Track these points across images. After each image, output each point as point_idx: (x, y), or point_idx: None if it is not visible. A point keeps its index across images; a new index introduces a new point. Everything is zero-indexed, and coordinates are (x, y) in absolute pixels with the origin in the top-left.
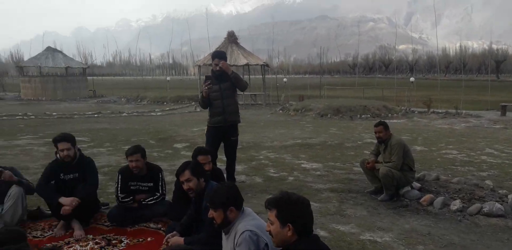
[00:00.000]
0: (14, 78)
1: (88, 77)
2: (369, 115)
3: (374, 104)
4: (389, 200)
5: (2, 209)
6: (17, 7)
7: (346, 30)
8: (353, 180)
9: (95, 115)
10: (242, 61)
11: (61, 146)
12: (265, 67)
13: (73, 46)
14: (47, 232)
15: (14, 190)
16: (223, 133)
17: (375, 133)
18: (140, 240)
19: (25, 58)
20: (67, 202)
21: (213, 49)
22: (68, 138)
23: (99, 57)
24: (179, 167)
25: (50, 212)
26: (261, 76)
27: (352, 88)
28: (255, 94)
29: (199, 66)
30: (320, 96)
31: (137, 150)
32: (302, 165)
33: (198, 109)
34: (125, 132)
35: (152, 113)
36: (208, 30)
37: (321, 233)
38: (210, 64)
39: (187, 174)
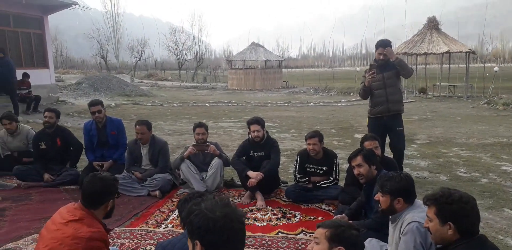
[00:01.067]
0: (224, 71)
1: (283, 69)
2: None
3: None
4: None
5: (206, 176)
6: (230, 7)
7: None
8: None
9: (285, 104)
10: (442, 48)
11: (253, 127)
12: (470, 55)
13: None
14: (236, 199)
15: (216, 161)
16: (386, 123)
17: None
18: (312, 217)
19: (234, 53)
20: (253, 175)
21: (409, 36)
22: (259, 121)
23: (295, 50)
24: (352, 152)
25: (240, 183)
26: (464, 65)
27: None
28: (454, 86)
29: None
30: None
31: (316, 134)
32: (502, 167)
33: (406, 100)
34: (309, 120)
35: (337, 104)
36: (407, 17)
37: (511, 242)
38: (404, 53)
39: (359, 159)
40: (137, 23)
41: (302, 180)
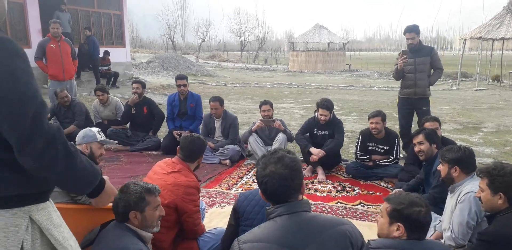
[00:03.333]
0: (285, 53)
1: (347, 52)
2: None
3: None
4: None
5: (271, 149)
6: None
7: None
8: None
9: (347, 88)
10: None
11: (322, 112)
12: None
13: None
14: None
15: (280, 136)
16: (413, 103)
17: None
18: (370, 192)
19: (296, 35)
20: (315, 152)
21: (486, 20)
22: (328, 107)
23: (359, 32)
24: (414, 131)
25: (302, 158)
26: None
27: None
28: None
29: (465, 40)
30: None
31: (379, 114)
32: None
33: (454, 88)
34: (372, 104)
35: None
36: None
37: None
38: (479, 38)
39: (420, 137)
40: (203, 4)
41: (363, 157)
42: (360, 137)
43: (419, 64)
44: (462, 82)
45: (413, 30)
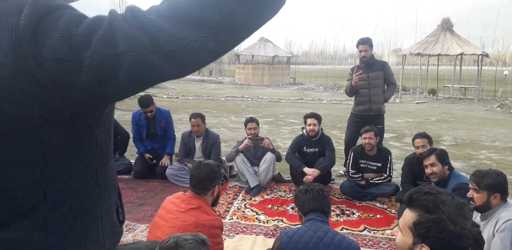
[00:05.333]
0: (230, 65)
1: (291, 66)
2: None
3: None
4: None
5: (258, 170)
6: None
7: None
8: None
9: (299, 101)
10: (456, 50)
11: (310, 121)
12: (482, 58)
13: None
14: (288, 194)
15: (269, 155)
16: (367, 121)
17: None
18: (370, 215)
19: (241, 48)
20: (310, 172)
21: (421, 37)
22: (316, 116)
23: (295, 46)
24: (425, 151)
25: (288, 178)
26: (476, 67)
27: None
28: (465, 88)
29: (404, 55)
30: None
31: (372, 129)
32: None
33: (397, 101)
34: (328, 117)
35: (350, 102)
36: (418, 15)
37: None
38: (418, 54)
39: (432, 159)
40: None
41: (356, 176)
42: (352, 154)
43: (372, 80)
44: (402, 95)
45: (366, 42)
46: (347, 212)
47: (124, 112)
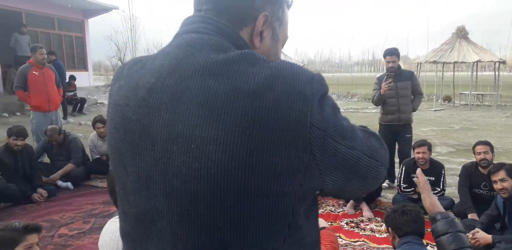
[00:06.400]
0: None
1: None
2: None
3: None
4: None
5: None
6: None
7: None
8: None
9: None
10: (473, 58)
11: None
12: (500, 65)
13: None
14: (338, 209)
15: None
16: (396, 130)
17: None
18: (428, 230)
19: None
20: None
21: (435, 45)
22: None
23: (302, 55)
24: (492, 166)
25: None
26: (489, 73)
27: None
28: (482, 94)
29: (419, 63)
30: None
31: (424, 143)
32: None
33: (435, 109)
34: None
35: (366, 110)
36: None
37: None
38: (434, 62)
39: (502, 174)
40: (155, 28)
41: (408, 190)
42: (404, 168)
43: (401, 89)
44: None
45: (394, 53)
46: None
47: None
